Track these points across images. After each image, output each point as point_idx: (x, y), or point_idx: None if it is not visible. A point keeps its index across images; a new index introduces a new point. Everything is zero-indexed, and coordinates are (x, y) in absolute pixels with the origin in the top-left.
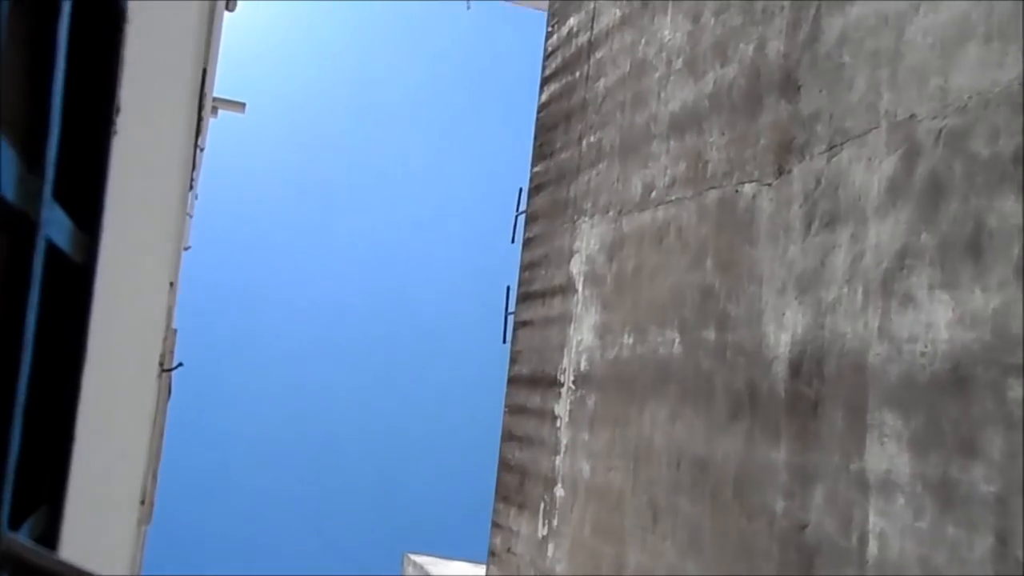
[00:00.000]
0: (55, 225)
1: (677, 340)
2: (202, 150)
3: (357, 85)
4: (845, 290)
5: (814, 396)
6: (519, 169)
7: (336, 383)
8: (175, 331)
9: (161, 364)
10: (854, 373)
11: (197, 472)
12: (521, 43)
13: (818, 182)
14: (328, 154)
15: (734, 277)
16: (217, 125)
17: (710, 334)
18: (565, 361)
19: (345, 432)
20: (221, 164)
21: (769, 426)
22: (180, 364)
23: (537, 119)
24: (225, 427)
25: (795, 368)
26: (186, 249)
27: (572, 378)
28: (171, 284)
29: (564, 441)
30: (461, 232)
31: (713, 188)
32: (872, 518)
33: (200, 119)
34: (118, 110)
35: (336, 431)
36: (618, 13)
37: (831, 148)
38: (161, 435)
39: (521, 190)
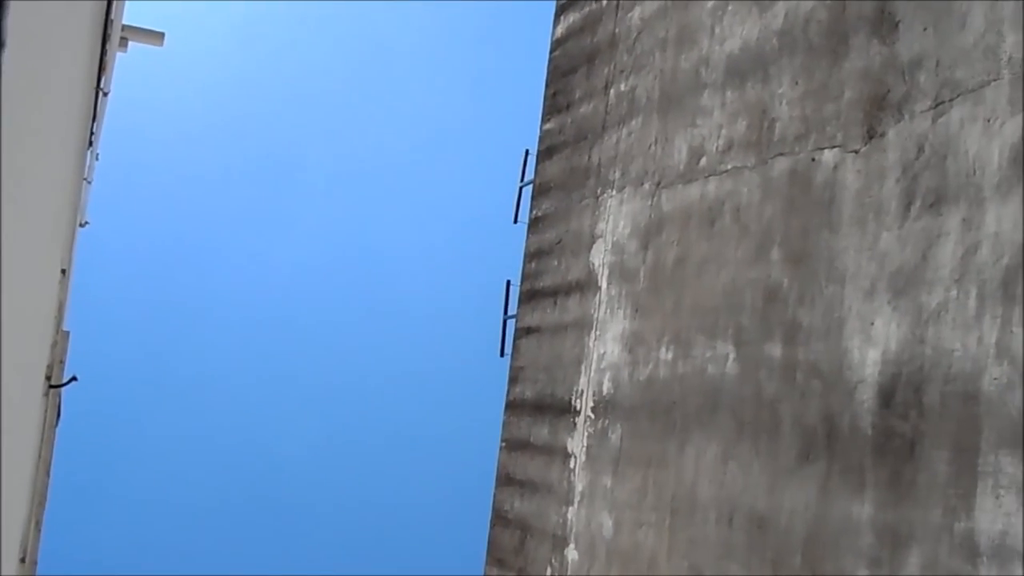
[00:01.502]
0: None
1: (731, 356)
2: (106, 94)
3: (322, 17)
4: (954, 293)
5: (910, 433)
6: (526, 125)
7: (287, 410)
8: (67, 334)
9: (48, 378)
10: (964, 404)
11: (94, 521)
12: None
13: (920, 150)
14: (280, 104)
15: (808, 273)
16: (127, 61)
17: (775, 349)
18: (582, 381)
19: (302, 480)
20: (132, 113)
21: (851, 472)
22: (74, 378)
23: (550, 60)
24: (133, 463)
25: (886, 396)
26: (83, 225)
27: (591, 404)
28: (63, 272)
29: (579, 487)
30: (448, 208)
31: (782, 155)
32: None
33: (104, 53)
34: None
35: (290, 475)
36: None
37: (937, 105)
38: (47, 471)
39: (527, 153)
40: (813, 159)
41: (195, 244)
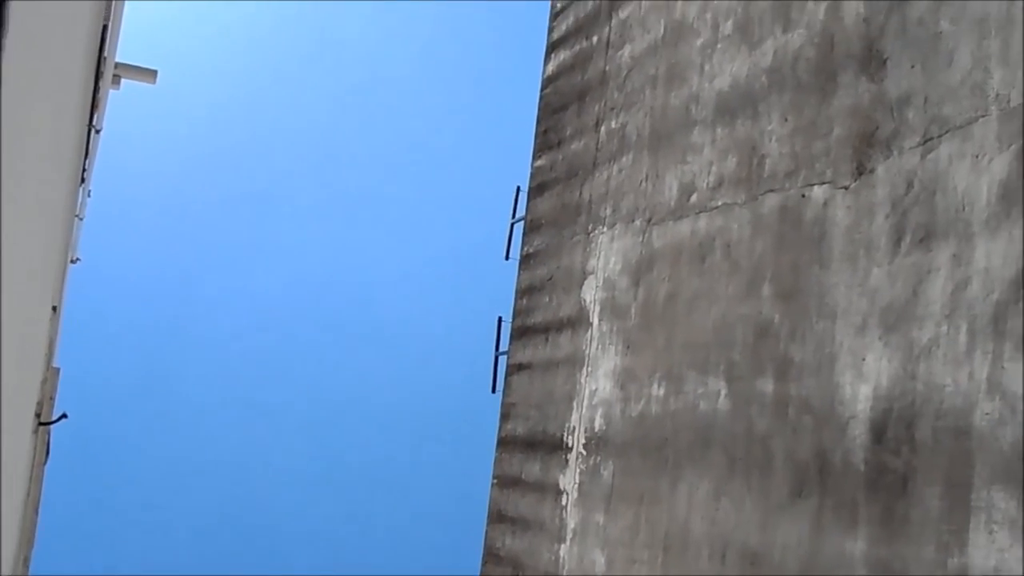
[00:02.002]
0: None
1: (723, 392)
2: (98, 132)
3: (308, 54)
4: (945, 328)
5: (903, 469)
6: (517, 162)
7: (276, 449)
8: (57, 370)
9: (38, 415)
10: (956, 439)
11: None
12: None
13: (909, 186)
14: (269, 139)
15: (799, 309)
16: (120, 99)
17: (767, 385)
18: (574, 418)
19: (287, 517)
20: (125, 151)
21: (843, 508)
22: (64, 416)
23: (541, 97)
24: (124, 501)
25: (878, 432)
26: (74, 262)
27: (583, 441)
28: (53, 309)
29: (571, 525)
30: (438, 244)
31: (772, 191)
32: None
33: (96, 90)
34: None
35: (277, 512)
36: None
37: (926, 141)
38: (35, 509)
39: (519, 190)
40: (803, 195)
41: (185, 277)
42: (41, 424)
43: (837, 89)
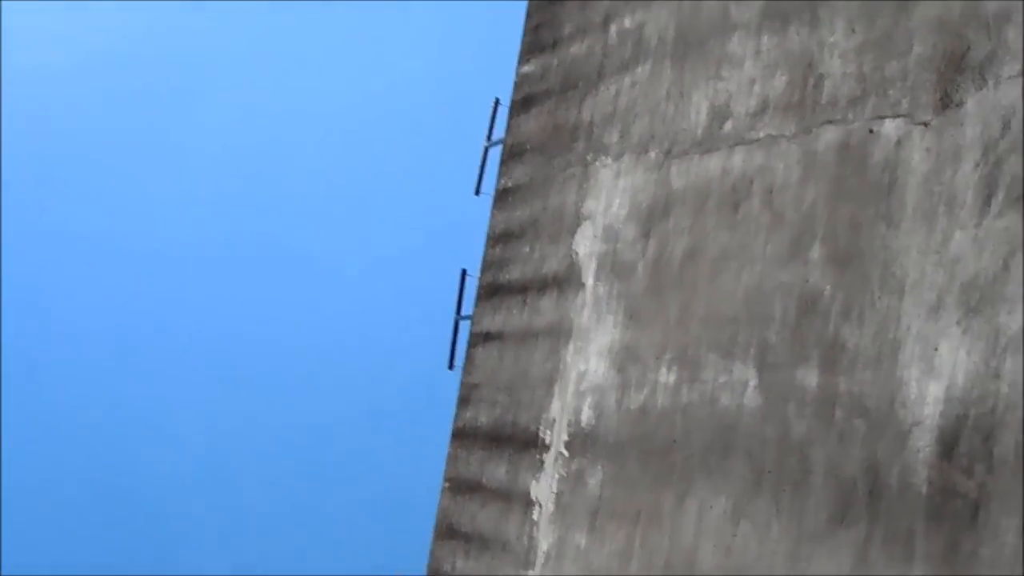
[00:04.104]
0: None
1: (752, 383)
2: None
3: None
4: None
5: (975, 493)
6: (495, 64)
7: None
8: None
9: None
10: None
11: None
12: None
13: (1006, 126)
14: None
15: (857, 280)
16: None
17: (809, 376)
18: (555, 407)
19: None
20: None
21: (897, 539)
22: None
23: None
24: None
25: (947, 444)
26: None
27: (565, 438)
28: None
29: (544, 546)
30: (389, 175)
31: (830, 123)
32: None
33: None
34: None
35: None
36: None
37: None
38: None
39: (498, 102)
40: (871, 130)
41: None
42: None
43: None
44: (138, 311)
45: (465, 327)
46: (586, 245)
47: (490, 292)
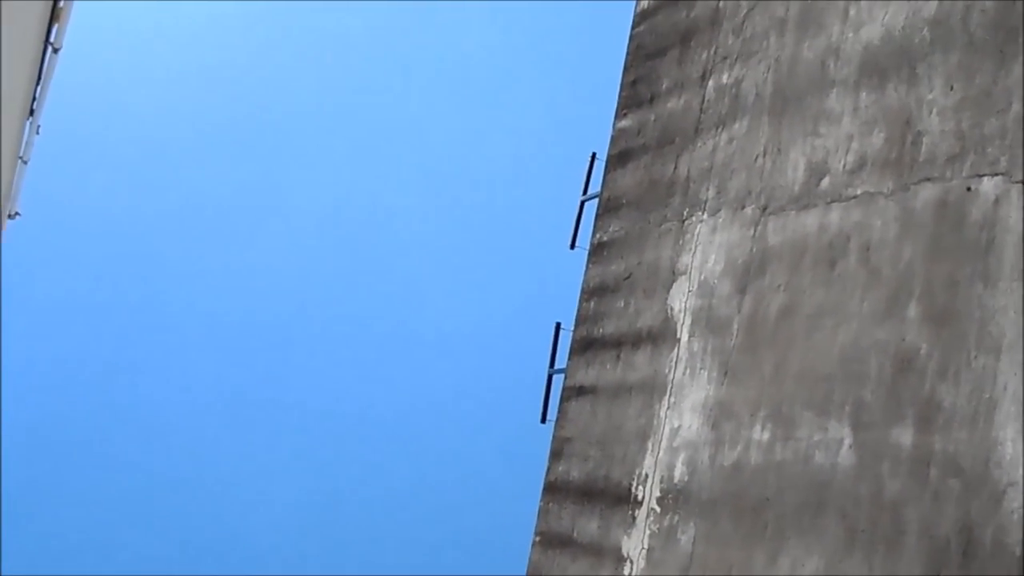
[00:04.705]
0: None
1: (847, 442)
2: (56, 51)
3: None
4: None
5: None
6: (592, 121)
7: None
8: None
9: None
10: None
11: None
12: None
13: None
14: (276, 64)
15: (954, 338)
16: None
17: (904, 435)
18: (647, 463)
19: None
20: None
21: None
22: None
23: (632, 37)
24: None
25: None
26: (12, 217)
27: (657, 494)
28: None
29: None
30: (485, 224)
31: (928, 181)
32: None
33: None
34: None
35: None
36: None
37: None
38: None
39: (594, 157)
40: (968, 188)
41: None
42: None
43: (1020, 52)
44: (245, 380)
45: (558, 380)
46: (681, 300)
47: (584, 346)
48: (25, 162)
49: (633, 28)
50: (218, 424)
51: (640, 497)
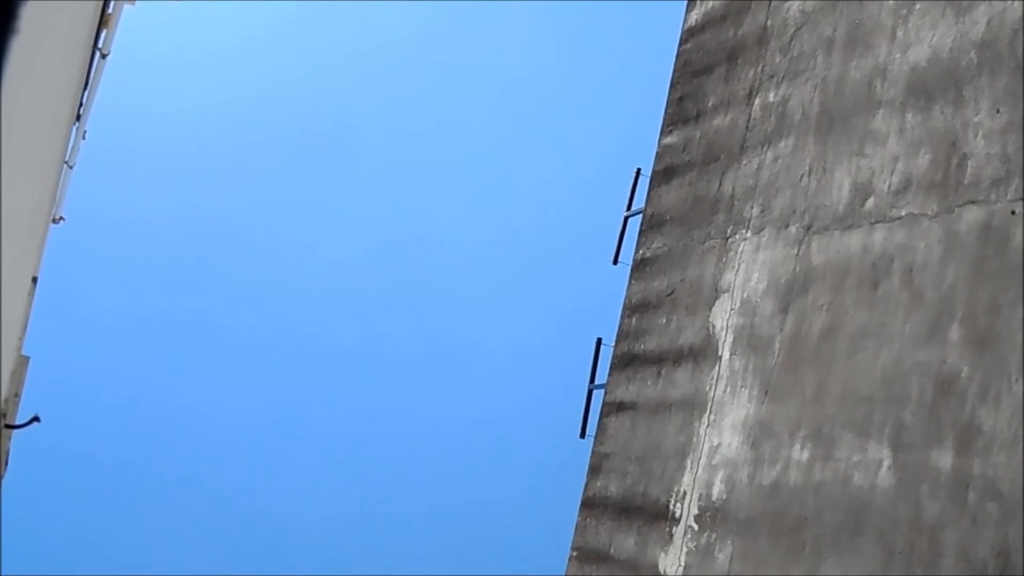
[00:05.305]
0: None
1: (887, 463)
2: (104, 56)
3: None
4: None
5: None
6: (638, 137)
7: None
8: (26, 360)
9: (3, 416)
10: None
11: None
12: None
13: None
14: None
15: (995, 362)
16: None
17: (944, 458)
18: (686, 480)
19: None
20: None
21: None
22: (36, 419)
23: (679, 54)
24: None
25: None
26: (57, 222)
27: (695, 511)
28: (33, 280)
29: None
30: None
31: (973, 203)
32: None
33: (106, 4)
34: None
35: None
36: None
37: None
38: None
39: (639, 173)
40: (1013, 212)
41: (201, 251)
42: (7, 427)
43: None
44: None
45: (598, 396)
46: (723, 318)
47: (625, 362)
48: (71, 167)
49: (680, 45)
50: (260, 436)
51: (678, 514)
